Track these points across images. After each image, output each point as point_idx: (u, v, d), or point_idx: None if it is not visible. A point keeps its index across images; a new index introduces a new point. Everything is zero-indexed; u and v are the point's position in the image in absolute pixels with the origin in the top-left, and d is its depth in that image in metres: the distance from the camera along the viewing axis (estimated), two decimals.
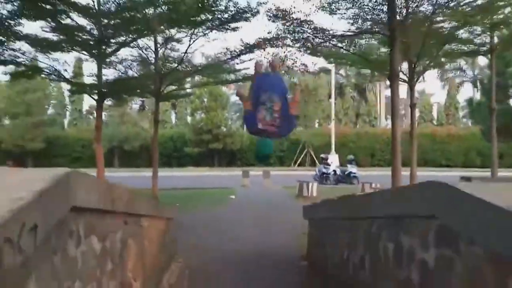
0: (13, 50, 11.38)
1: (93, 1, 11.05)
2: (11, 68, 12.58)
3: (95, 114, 31.07)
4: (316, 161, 25.33)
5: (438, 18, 8.68)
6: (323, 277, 3.95)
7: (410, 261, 2.19)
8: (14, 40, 11.01)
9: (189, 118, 35.79)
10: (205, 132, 26.22)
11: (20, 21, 10.37)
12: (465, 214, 1.46)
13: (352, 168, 17.56)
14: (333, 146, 25.16)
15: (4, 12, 10.19)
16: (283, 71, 10.36)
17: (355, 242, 3.19)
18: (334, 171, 17.71)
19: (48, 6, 10.10)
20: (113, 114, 29.47)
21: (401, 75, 8.88)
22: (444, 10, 7.57)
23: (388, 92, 32.17)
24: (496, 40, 11.16)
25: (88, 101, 31.90)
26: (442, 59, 10.77)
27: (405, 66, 10.25)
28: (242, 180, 15.09)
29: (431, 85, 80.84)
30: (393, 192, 2.96)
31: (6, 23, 10.23)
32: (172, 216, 5.86)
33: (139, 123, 30.28)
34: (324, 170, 17.40)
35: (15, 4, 9.55)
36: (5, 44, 11.02)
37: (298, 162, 27.60)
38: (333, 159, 20.77)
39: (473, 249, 1.49)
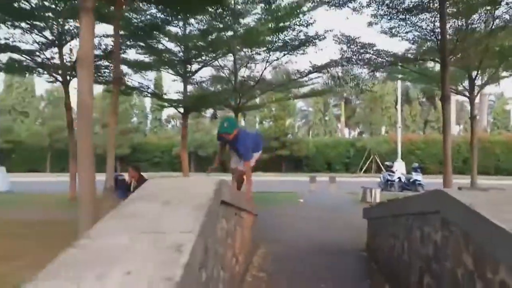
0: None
1: (180, 28, 12.93)
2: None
3: (172, 123, 34.00)
4: (382, 168, 25.68)
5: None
6: (378, 263, 5.07)
7: (428, 242, 3.34)
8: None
9: (257, 126, 37.63)
10: (273, 139, 27.68)
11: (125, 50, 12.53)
12: (452, 210, 2.65)
13: (417, 176, 17.93)
14: (399, 153, 25.36)
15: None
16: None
17: (398, 233, 4.31)
18: (399, 178, 18.21)
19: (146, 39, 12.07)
20: (189, 123, 32.04)
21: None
22: (499, 32, 8.25)
23: (458, 97, 31.60)
24: None
25: (166, 111, 34.86)
26: (504, 73, 11.19)
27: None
28: (309, 185, 16.23)
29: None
30: (418, 196, 4.14)
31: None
32: (256, 213, 7.27)
33: (211, 131, 32.56)
34: (388, 177, 17.99)
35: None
36: (110, 68, 13.33)
37: (363, 169, 28.09)
38: (399, 167, 21.13)
39: (456, 230, 2.66)
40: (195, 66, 13.97)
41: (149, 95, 15.05)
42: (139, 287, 1.12)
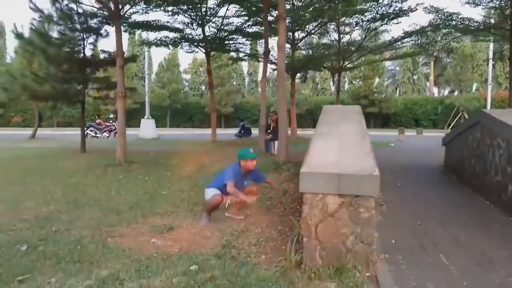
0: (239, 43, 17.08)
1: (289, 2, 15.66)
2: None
3: (271, 85, 37.34)
4: None
5: None
6: (454, 172, 7.92)
7: (474, 139, 6.24)
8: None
9: (346, 86, 39.71)
10: (362, 98, 29.82)
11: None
12: (486, 119, 5.59)
13: None
14: (488, 109, 26.16)
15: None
16: None
17: (461, 144, 7.13)
18: None
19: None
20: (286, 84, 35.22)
21: None
22: None
23: None
24: None
25: (260, 74, 38.32)
26: None
27: None
28: (398, 136, 18.67)
29: None
30: (469, 117, 7.21)
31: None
32: None
33: (301, 90, 35.46)
34: None
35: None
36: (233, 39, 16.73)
37: (451, 125, 29.17)
38: None
39: (487, 129, 5.59)
40: (302, 35, 16.84)
41: (261, 60, 18.37)
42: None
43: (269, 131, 11.09)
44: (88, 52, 12.47)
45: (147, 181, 7.71)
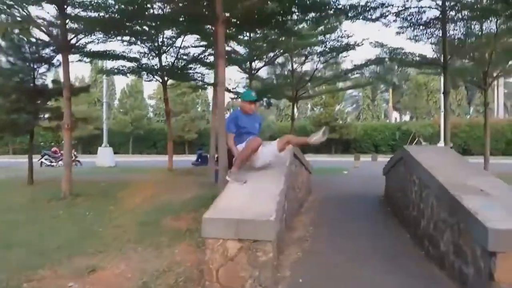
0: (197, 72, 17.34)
1: (246, 35, 16.13)
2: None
3: (232, 111, 37.79)
4: None
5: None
6: (390, 202, 8.24)
7: (399, 171, 6.56)
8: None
9: (309, 112, 40.68)
10: (323, 124, 30.57)
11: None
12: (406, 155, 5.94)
13: None
14: (442, 136, 27.38)
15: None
16: None
17: (397, 181, 7.47)
18: None
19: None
20: None
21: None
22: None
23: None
24: None
25: (226, 100, 38.78)
26: None
27: None
28: (354, 162, 19.22)
29: None
30: (397, 152, 7.59)
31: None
32: (311, 172, 10.65)
33: (265, 117, 36.02)
34: None
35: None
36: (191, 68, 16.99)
37: None
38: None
39: (407, 163, 5.92)
40: (259, 65, 17.31)
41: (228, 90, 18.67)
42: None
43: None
44: (39, 82, 12.40)
45: (87, 216, 7.62)
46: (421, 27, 11.84)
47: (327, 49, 13.64)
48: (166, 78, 15.96)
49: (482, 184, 4.02)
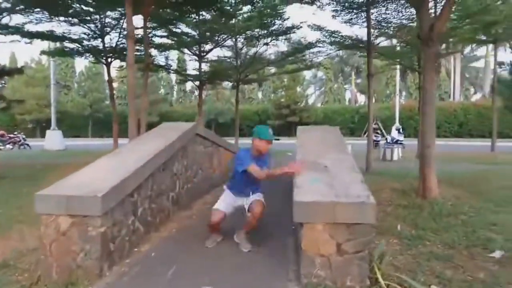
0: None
1: (197, 16, 16.00)
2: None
3: (196, 94, 37.62)
4: (384, 132, 28.57)
5: None
6: None
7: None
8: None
9: (272, 95, 40.89)
10: (284, 107, 30.89)
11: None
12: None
13: (399, 136, 20.96)
14: (397, 119, 28.15)
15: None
16: None
17: None
18: (386, 139, 21.29)
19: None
20: (210, 93, 35.69)
21: None
22: None
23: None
24: None
25: (190, 83, 38.56)
26: None
27: None
28: None
29: None
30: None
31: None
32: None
33: (230, 99, 36.04)
34: (374, 138, 21.08)
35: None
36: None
37: (367, 133, 30.96)
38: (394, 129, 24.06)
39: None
40: (208, 47, 17.25)
41: (172, 71, 18.57)
42: None
43: None
44: None
45: None
46: (354, 10, 12.02)
47: (266, 32, 13.71)
48: (110, 60, 15.70)
49: (330, 161, 4.25)
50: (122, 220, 3.87)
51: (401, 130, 21.46)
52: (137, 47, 16.47)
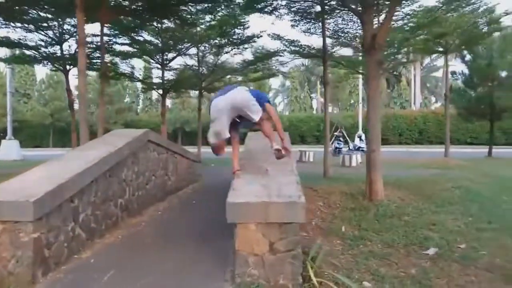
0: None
1: (159, 24, 15.93)
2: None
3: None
4: (348, 139, 29.20)
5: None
6: None
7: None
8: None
9: None
10: None
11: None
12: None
13: (361, 144, 21.56)
14: (360, 126, 28.84)
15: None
16: None
17: None
18: (348, 146, 21.83)
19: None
20: (176, 102, 35.43)
21: None
22: None
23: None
24: None
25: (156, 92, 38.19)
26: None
27: None
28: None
29: None
30: None
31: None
32: (197, 160, 10.80)
33: (196, 108, 35.91)
34: (337, 145, 21.58)
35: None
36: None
37: (332, 141, 31.54)
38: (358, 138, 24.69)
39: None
40: (171, 55, 17.17)
41: (135, 80, 18.39)
42: None
43: None
44: None
45: None
46: (312, 20, 12.31)
47: (226, 41, 13.83)
48: (69, 68, 15.37)
49: (272, 165, 4.37)
50: (60, 226, 3.82)
51: (362, 137, 22.06)
52: (97, 54, 16.32)
